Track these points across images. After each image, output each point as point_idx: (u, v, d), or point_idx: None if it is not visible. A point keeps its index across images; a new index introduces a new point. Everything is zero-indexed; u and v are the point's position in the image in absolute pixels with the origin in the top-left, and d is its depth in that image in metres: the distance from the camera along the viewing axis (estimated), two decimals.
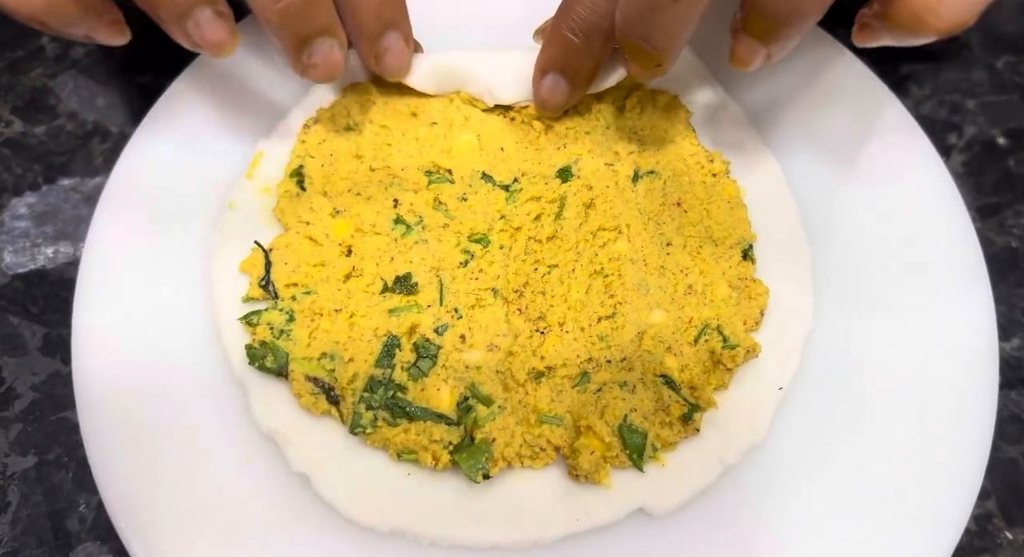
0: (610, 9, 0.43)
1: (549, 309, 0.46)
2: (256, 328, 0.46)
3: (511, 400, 0.45)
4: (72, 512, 0.50)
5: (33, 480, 0.51)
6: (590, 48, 0.45)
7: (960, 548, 0.43)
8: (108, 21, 0.42)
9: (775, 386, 0.46)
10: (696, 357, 0.46)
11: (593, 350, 0.45)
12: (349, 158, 0.50)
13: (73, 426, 0.52)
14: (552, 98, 0.49)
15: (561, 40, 0.46)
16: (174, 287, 0.48)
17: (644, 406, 0.45)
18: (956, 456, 0.44)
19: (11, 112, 0.62)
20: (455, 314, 0.46)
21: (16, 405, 0.53)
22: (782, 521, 0.44)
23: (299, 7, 0.41)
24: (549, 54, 0.47)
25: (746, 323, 0.47)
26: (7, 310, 0.56)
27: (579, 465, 0.43)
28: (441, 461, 0.43)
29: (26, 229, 0.58)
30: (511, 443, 0.44)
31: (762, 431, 0.45)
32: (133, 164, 0.50)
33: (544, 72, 0.48)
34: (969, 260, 0.48)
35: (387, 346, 0.45)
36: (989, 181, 0.60)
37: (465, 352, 0.46)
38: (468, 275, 0.47)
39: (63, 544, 0.50)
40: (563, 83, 0.48)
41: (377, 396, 0.44)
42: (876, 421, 0.45)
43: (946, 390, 0.46)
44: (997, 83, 0.64)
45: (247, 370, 0.45)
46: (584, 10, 0.44)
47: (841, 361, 0.47)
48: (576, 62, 0.46)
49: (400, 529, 0.43)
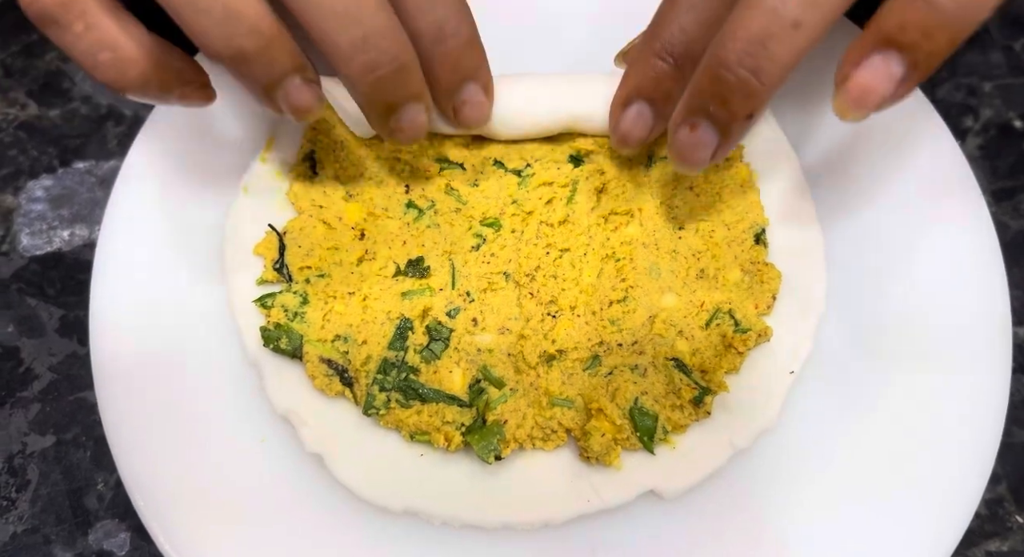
0: (702, 33, 0.39)
1: (561, 293, 0.46)
2: (271, 310, 0.46)
3: (523, 383, 0.45)
4: (91, 490, 0.51)
5: (52, 459, 0.52)
6: (681, 73, 0.41)
7: (970, 532, 0.43)
8: (198, 85, 0.42)
9: (787, 370, 0.46)
10: (708, 341, 0.46)
11: (604, 333, 0.46)
12: (359, 146, 0.50)
13: (91, 406, 0.53)
14: (635, 131, 0.44)
15: (650, 66, 0.42)
16: (189, 270, 0.48)
17: (655, 389, 0.45)
18: (968, 440, 0.44)
19: (26, 95, 0.62)
20: (467, 297, 0.46)
21: (35, 385, 0.54)
22: (792, 504, 0.44)
23: (392, 76, 0.38)
24: (635, 81, 0.43)
25: (758, 307, 0.47)
26: (24, 292, 0.56)
27: (590, 447, 0.43)
28: (453, 442, 0.44)
29: (42, 212, 0.59)
30: (523, 425, 0.44)
31: (773, 415, 0.45)
32: (147, 148, 0.50)
33: (628, 102, 0.44)
34: (984, 243, 0.47)
35: (400, 329, 0.46)
36: (1005, 164, 0.60)
37: (477, 335, 0.46)
38: (480, 259, 0.47)
39: (82, 522, 0.51)
40: (648, 113, 0.44)
41: (390, 378, 0.45)
42: (887, 405, 0.45)
43: (959, 374, 0.45)
44: (1014, 65, 0.63)
45: (262, 352, 0.46)
46: (676, 32, 0.40)
47: (853, 345, 0.47)
48: (665, 88, 0.42)
49: (413, 509, 0.44)
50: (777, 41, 0.34)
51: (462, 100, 0.44)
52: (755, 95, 0.35)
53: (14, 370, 0.54)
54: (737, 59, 0.35)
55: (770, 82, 0.35)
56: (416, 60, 0.39)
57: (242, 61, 0.36)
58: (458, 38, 0.41)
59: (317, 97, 0.39)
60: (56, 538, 0.50)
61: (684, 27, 0.40)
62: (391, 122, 0.41)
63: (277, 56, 0.36)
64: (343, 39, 0.36)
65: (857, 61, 0.34)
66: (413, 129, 0.42)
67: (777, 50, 0.34)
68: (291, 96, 0.38)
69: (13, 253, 0.57)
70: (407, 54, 0.38)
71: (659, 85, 0.42)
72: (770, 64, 0.34)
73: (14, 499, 0.51)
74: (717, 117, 0.37)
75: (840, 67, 0.34)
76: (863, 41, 0.34)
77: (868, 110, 0.34)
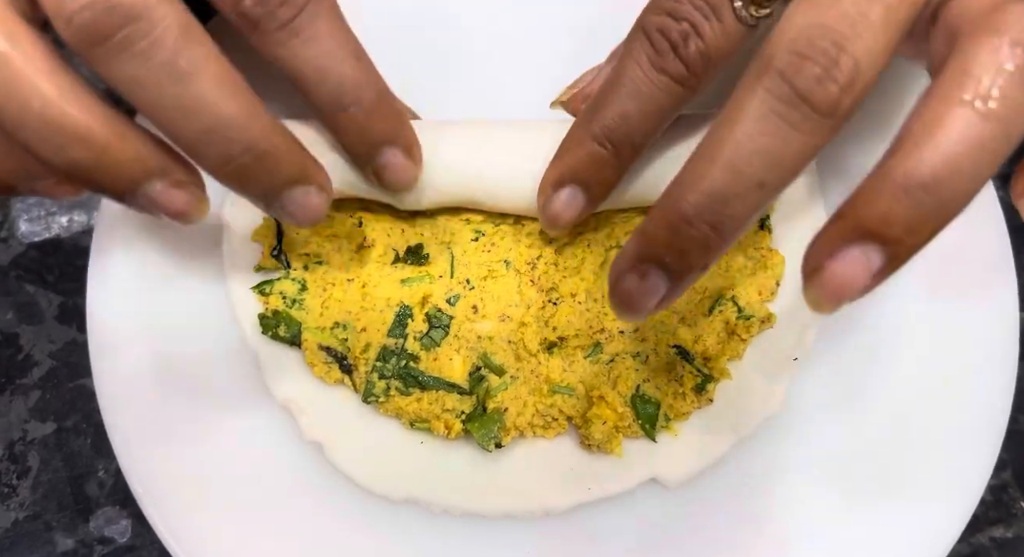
0: (643, 123, 0.38)
1: (562, 280, 0.46)
2: (269, 297, 0.46)
3: (523, 370, 0.45)
4: (91, 477, 0.51)
5: (53, 446, 0.52)
6: (619, 160, 0.39)
7: (975, 518, 0.43)
8: None
9: (790, 357, 0.46)
10: (710, 328, 0.45)
11: (606, 321, 0.45)
12: None
13: (90, 393, 0.52)
14: (566, 213, 0.42)
15: (587, 149, 0.39)
16: (187, 256, 0.48)
17: (657, 376, 0.44)
18: (973, 427, 0.44)
19: None
20: (467, 285, 0.46)
21: (34, 372, 0.54)
22: (795, 492, 0.44)
23: (253, 165, 0.34)
24: (569, 163, 0.40)
25: (761, 293, 0.47)
26: (23, 279, 0.56)
27: (591, 435, 0.43)
28: (454, 430, 0.44)
29: (40, 198, 0.58)
30: (523, 413, 0.44)
31: (776, 402, 0.45)
32: None
33: (560, 184, 0.41)
34: (991, 229, 0.47)
35: (399, 316, 0.45)
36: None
37: (477, 322, 0.45)
38: (480, 248, 0.47)
39: (83, 509, 0.51)
40: (580, 198, 0.41)
41: (390, 365, 0.45)
42: (891, 393, 0.45)
43: (964, 361, 0.45)
44: None
45: (260, 339, 0.46)
46: (617, 118, 0.38)
47: (857, 332, 0.46)
48: (602, 175, 0.40)
49: (413, 497, 0.43)
50: (740, 200, 0.32)
51: (381, 165, 0.40)
52: (713, 249, 0.33)
53: (13, 357, 0.54)
54: (697, 213, 0.32)
55: (730, 237, 0.33)
56: (287, 142, 0.36)
57: (80, 175, 0.32)
58: (360, 105, 0.37)
59: (191, 198, 0.35)
60: (57, 525, 0.50)
61: (626, 114, 0.38)
62: (274, 209, 0.37)
63: (119, 163, 0.32)
64: (186, 134, 0.32)
65: (832, 252, 0.31)
66: (304, 213, 0.37)
67: (739, 208, 0.32)
68: (158, 201, 0.34)
69: (12, 239, 0.57)
70: (267, 140, 0.34)
71: (595, 170, 0.40)
72: (731, 221, 0.32)
73: (15, 486, 0.51)
74: (670, 267, 0.34)
75: (810, 256, 0.31)
76: (839, 231, 0.31)
77: (844, 302, 0.31)
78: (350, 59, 0.37)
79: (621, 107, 0.38)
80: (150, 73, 0.31)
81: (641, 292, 0.35)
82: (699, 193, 0.32)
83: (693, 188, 0.32)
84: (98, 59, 0.31)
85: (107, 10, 0.30)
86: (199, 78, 0.32)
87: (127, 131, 0.33)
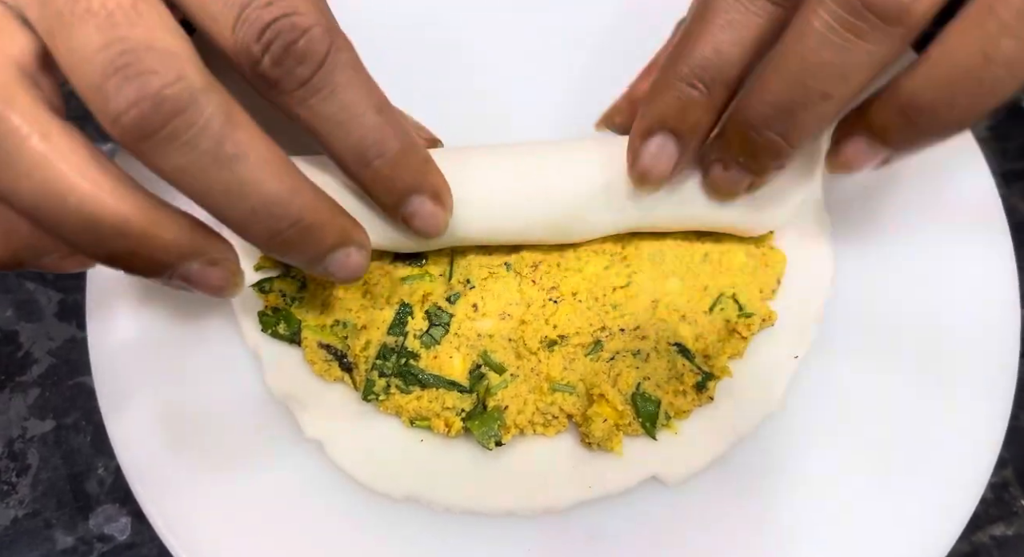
0: (741, 55, 0.35)
1: (563, 279, 0.46)
2: (268, 295, 0.46)
3: (523, 368, 0.45)
4: (91, 475, 0.51)
5: (52, 443, 0.52)
6: (712, 101, 0.36)
7: (976, 516, 0.43)
8: None
9: (791, 355, 0.45)
10: (711, 326, 0.45)
11: (607, 319, 0.45)
12: None
13: (90, 391, 0.53)
14: (658, 165, 0.39)
15: (676, 92, 0.36)
16: None
17: (658, 374, 0.44)
18: (974, 424, 0.44)
19: None
20: (467, 284, 0.46)
21: (34, 370, 0.54)
22: (795, 490, 0.44)
23: (299, 237, 0.35)
24: (658, 109, 0.37)
25: (762, 291, 0.46)
26: (23, 276, 0.56)
27: (591, 433, 0.43)
28: (454, 428, 0.44)
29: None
30: (524, 411, 0.44)
31: (777, 400, 0.45)
32: None
33: (649, 133, 0.38)
34: (993, 227, 0.47)
35: (399, 314, 0.45)
36: (1014, 146, 0.59)
37: (477, 320, 0.45)
38: (480, 250, 0.46)
39: (83, 506, 0.51)
40: (672, 146, 0.38)
41: (390, 363, 0.44)
42: (893, 390, 0.45)
43: (965, 358, 0.45)
44: None
45: (260, 337, 0.46)
46: (710, 54, 0.35)
47: (858, 330, 0.46)
48: (694, 118, 0.37)
49: (413, 495, 0.43)
50: (805, 111, 0.33)
51: (409, 213, 0.40)
52: (784, 154, 0.36)
53: (13, 354, 0.54)
54: (764, 122, 0.34)
55: (799, 143, 0.35)
56: (329, 211, 0.36)
57: (118, 263, 0.33)
58: (384, 158, 0.36)
59: (226, 274, 0.36)
60: (57, 522, 0.50)
61: (719, 48, 0.35)
62: (318, 271, 0.37)
63: (155, 250, 0.33)
64: (233, 216, 0.33)
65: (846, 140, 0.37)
66: (346, 272, 0.38)
67: (805, 119, 0.34)
68: (193, 280, 0.35)
69: None
70: (312, 214, 0.34)
71: (686, 114, 0.37)
72: (798, 130, 0.34)
73: (15, 483, 0.51)
74: (747, 166, 0.38)
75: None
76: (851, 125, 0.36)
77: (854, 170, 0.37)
78: (371, 112, 0.35)
79: (713, 41, 0.35)
80: (197, 161, 0.31)
81: (727, 180, 0.40)
82: (765, 104, 0.34)
83: (759, 99, 0.34)
84: (146, 152, 0.30)
85: (154, 106, 0.29)
86: (244, 161, 0.32)
87: (162, 217, 0.32)
